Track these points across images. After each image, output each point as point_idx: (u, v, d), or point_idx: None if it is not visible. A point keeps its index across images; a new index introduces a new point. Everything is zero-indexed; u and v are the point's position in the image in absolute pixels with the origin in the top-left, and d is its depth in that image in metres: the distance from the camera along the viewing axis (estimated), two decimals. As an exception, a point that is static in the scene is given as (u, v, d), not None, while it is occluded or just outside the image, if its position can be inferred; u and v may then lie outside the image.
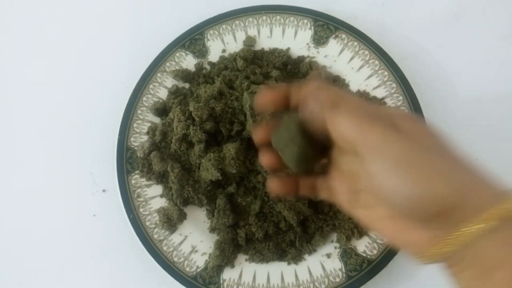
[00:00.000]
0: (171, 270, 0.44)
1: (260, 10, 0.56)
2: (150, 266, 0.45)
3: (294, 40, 0.55)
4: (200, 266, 0.45)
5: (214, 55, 0.55)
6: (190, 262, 0.45)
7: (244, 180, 0.47)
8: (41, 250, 0.49)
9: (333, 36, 0.54)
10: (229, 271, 0.45)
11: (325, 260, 0.45)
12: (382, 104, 0.49)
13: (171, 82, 0.53)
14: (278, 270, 0.45)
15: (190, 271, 0.44)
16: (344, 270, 0.44)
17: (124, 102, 0.51)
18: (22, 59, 0.59)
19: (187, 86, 0.53)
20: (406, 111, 0.29)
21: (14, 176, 0.52)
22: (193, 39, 0.55)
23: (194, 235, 0.46)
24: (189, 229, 0.47)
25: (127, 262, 0.48)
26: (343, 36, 0.53)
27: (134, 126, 0.50)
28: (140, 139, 0.50)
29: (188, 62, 0.54)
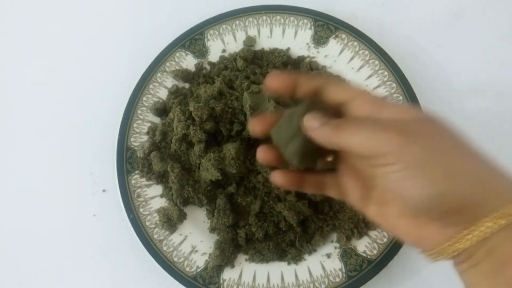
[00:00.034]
0: (171, 270, 0.44)
1: (260, 10, 0.55)
2: (150, 266, 0.45)
3: (294, 40, 0.55)
4: (200, 266, 0.45)
5: (214, 55, 0.55)
6: (190, 262, 0.45)
7: (244, 180, 0.47)
8: (41, 250, 0.49)
9: (333, 36, 0.54)
10: (229, 271, 0.45)
11: (325, 260, 0.45)
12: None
13: (171, 82, 0.53)
14: (278, 270, 0.45)
15: (190, 271, 0.44)
16: (344, 270, 0.44)
17: (124, 102, 0.51)
18: (22, 59, 0.59)
19: (187, 86, 0.53)
20: (423, 112, 0.29)
21: (14, 176, 0.52)
22: (193, 39, 0.55)
23: (194, 235, 0.46)
24: (189, 229, 0.47)
25: (127, 262, 0.48)
26: (343, 36, 0.53)
27: (134, 126, 0.50)
28: (140, 139, 0.50)
29: (188, 62, 0.54)
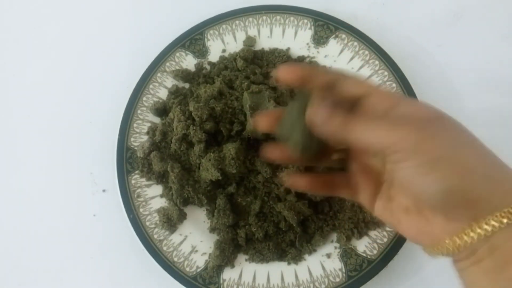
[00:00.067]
0: (171, 270, 0.44)
1: (260, 10, 0.56)
2: (150, 266, 0.45)
3: (294, 40, 0.55)
4: (200, 266, 0.45)
5: (214, 55, 0.55)
6: (190, 262, 0.45)
7: (244, 180, 0.47)
8: (41, 250, 0.49)
9: (333, 36, 0.54)
10: (229, 271, 0.45)
11: (325, 260, 0.45)
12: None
13: (171, 82, 0.53)
14: (278, 270, 0.45)
15: (190, 271, 0.44)
16: (344, 270, 0.44)
17: (124, 102, 0.51)
18: (22, 59, 0.59)
19: (187, 86, 0.53)
20: (437, 109, 0.29)
21: (14, 176, 0.52)
22: (193, 39, 0.55)
23: (194, 235, 0.46)
24: (189, 229, 0.47)
25: (127, 262, 0.48)
26: (343, 36, 0.53)
27: (134, 126, 0.50)
28: (140, 139, 0.50)
29: (188, 62, 0.54)
